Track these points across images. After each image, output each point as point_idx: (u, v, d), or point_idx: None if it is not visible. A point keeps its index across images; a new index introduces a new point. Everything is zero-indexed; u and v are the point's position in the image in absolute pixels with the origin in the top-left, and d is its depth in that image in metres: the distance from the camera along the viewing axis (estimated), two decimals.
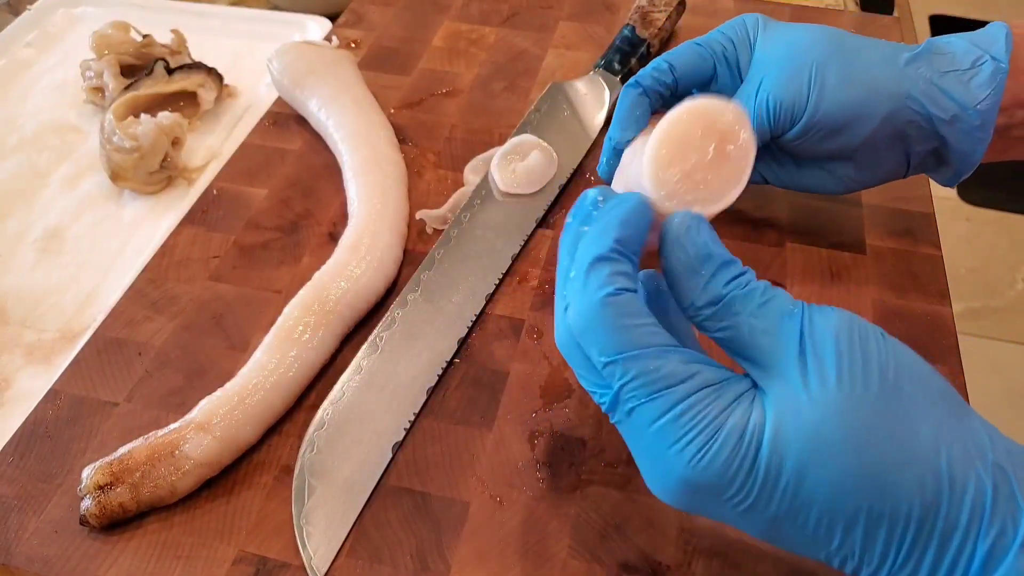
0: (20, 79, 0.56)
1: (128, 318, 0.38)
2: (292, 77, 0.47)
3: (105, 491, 0.30)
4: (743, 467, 0.21)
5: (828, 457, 0.21)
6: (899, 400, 0.21)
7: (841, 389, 0.21)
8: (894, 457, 0.21)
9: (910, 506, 0.20)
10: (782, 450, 0.21)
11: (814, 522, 0.21)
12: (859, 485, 0.21)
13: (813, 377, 0.21)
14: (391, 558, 0.30)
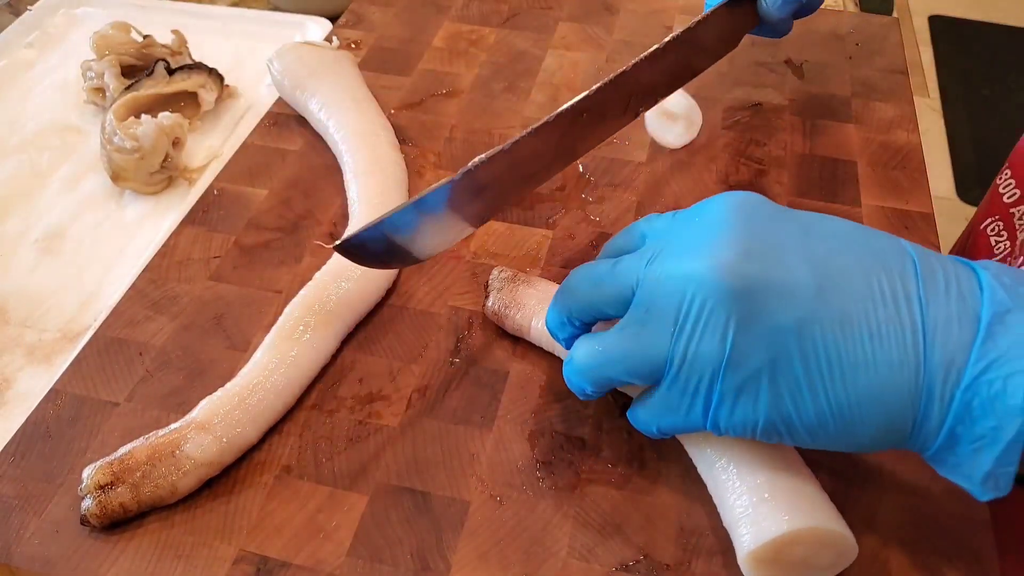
0: (21, 80, 0.56)
1: (129, 318, 0.38)
2: (293, 78, 0.47)
3: (106, 491, 0.30)
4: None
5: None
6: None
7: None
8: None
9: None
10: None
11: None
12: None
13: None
14: (391, 557, 0.30)
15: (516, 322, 0.36)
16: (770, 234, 0.26)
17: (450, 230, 0.32)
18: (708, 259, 0.25)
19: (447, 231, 0.32)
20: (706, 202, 0.28)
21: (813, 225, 0.26)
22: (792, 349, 0.24)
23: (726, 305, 0.25)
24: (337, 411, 0.35)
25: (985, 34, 1.64)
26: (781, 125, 0.48)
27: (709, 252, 0.25)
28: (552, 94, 0.51)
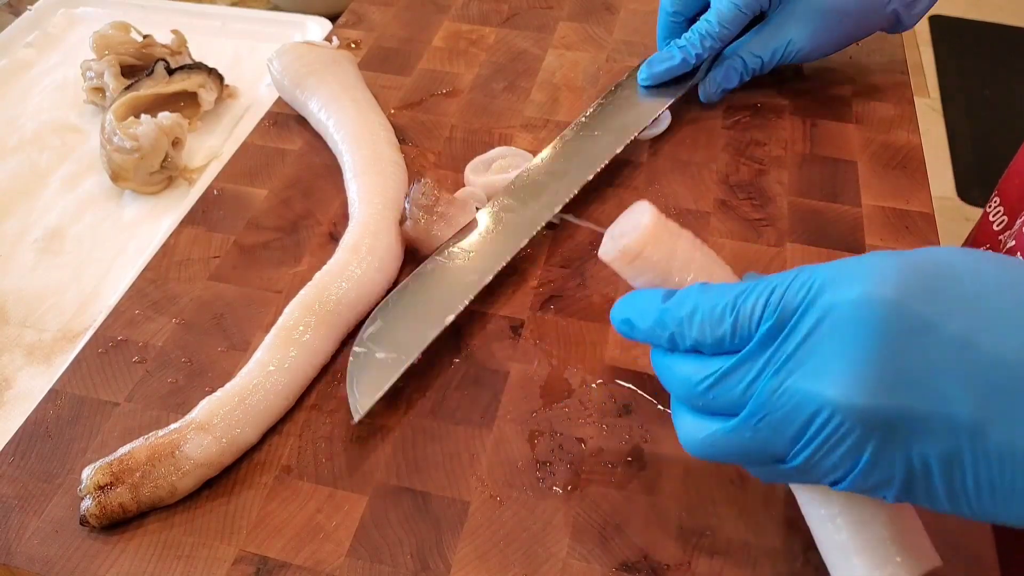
0: (21, 79, 0.56)
1: (129, 318, 0.38)
2: (292, 77, 0.47)
3: (105, 491, 0.30)
4: (918, 258, 0.22)
5: (987, 263, 0.22)
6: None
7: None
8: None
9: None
10: (944, 255, 0.22)
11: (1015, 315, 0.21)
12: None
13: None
14: (391, 558, 0.30)
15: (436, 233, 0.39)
16: (925, 348, 0.21)
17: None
18: (844, 383, 0.21)
19: None
20: (857, 274, 0.22)
21: (989, 322, 0.21)
22: (934, 473, 0.21)
23: (861, 430, 0.21)
24: (337, 411, 0.35)
25: (986, 34, 1.64)
26: (782, 125, 0.48)
27: (847, 371, 0.21)
28: (552, 94, 0.51)
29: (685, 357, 0.25)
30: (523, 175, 0.42)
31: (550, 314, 0.38)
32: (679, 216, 0.43)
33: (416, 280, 0.37)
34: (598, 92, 0.50)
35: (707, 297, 0.25)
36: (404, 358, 0.34)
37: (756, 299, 0.23)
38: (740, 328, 0.23)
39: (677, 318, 0.25)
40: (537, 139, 0.47)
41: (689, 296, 0.25)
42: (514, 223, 0.40)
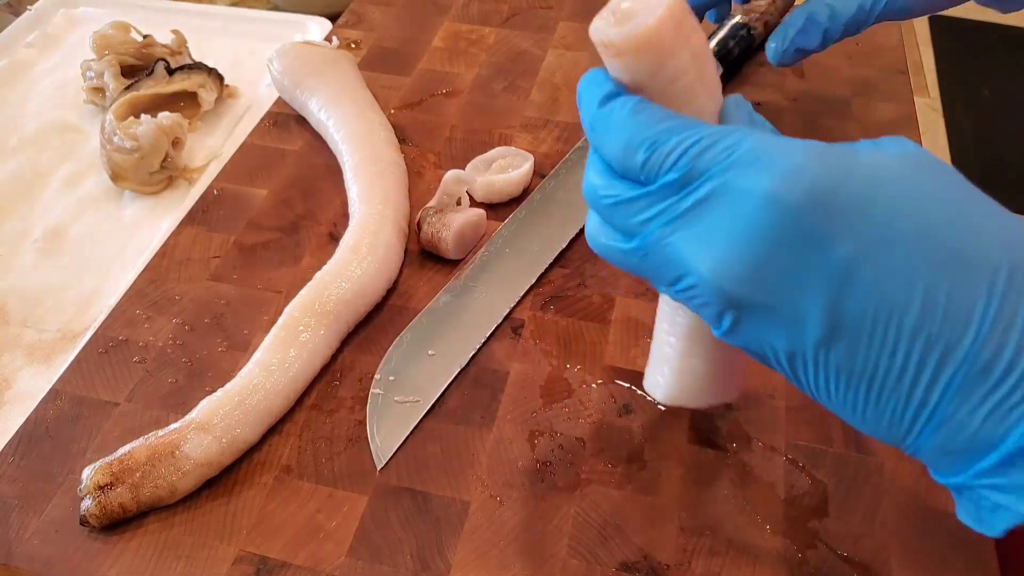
0: (21, 80, 0.56)
1: (129, 318, 0.38)
2: (292, 77, 0.47)
3: (105, 491, 0.30)
4: (839, 176, 0.20)
5: (924, 194, 0.20)
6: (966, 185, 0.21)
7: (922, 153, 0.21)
8: (980, 211, 0.20)
9: (998, 259, 0.19)
10: (879, 175, 0.20)
11: (902, 264, 0.20)
12: (946, 229, 0.20)
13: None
14: (391, 557, 0.30)
15: (447, 241, 0.39)
16: (804, 262, 0.21)
17: None
18: (717, 263, 0.22)
19: None
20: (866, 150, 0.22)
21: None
22: (781, 363, 0.23)
23: (720, 307, 0.22)
24: (337, 411, 0.35)
25: (986, 35, 1.64)
26: (782, 125, 0.48)
27: (724, 254, 0.21)
28: (552, 94, 0.51)
29: (602, 165, 0.25)
30: (536, 197, 0.42)
31: (550, 314, 0.38)
32: None
33: (429, 316, 0.37)
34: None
35: (634, 121, 0.23)
36: (422, 403, 0.34)
37: (675, 145, 0.22)
38: (649, 168, 0.23)
39: (601, 127, 0.24)
40: (537, 139, 0.47)
41: (617, 112, 0.24)
42: (528, 253, 0.40)
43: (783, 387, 0.35)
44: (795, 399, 0.34)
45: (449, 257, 0.40)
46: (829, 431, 0.33)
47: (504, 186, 0.43)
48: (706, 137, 0.22)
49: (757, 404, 0.34)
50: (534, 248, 0.40)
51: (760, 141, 0.21)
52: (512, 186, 0.43)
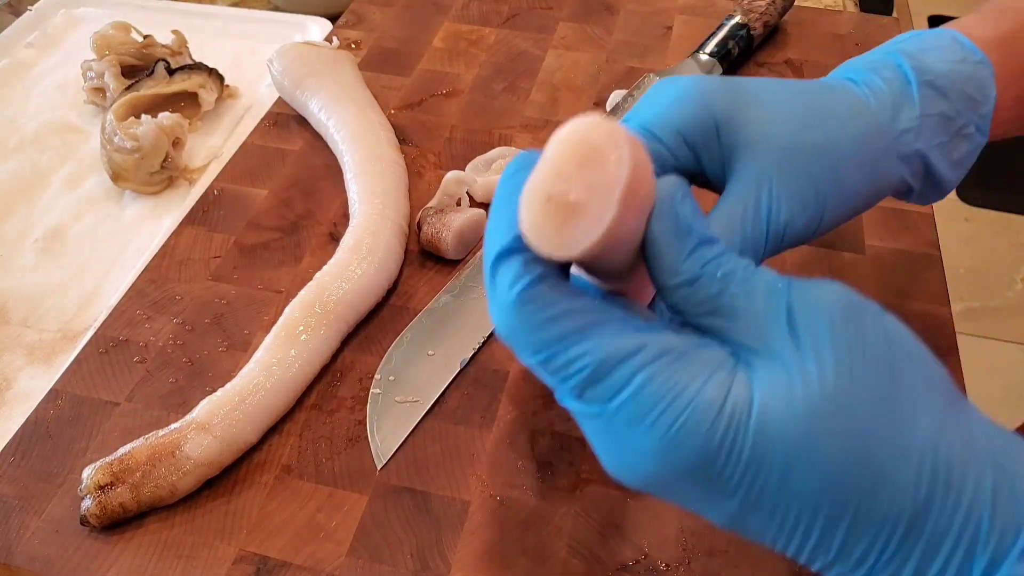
0: (21, 80, 0.56)
1: (129, 318, 0.38)
2: (293, 78, 0.47)
3: (105, 491, 0.30)
4: (724, 447, 0.19)
5: (821, 448, 0.19)
6: (898, 387, 0.19)
7: (839, 373, 0.19)
8: (891, 450, 0.19)
9: (901, 505, 0.19)
10: (770, 434, 0.19)
11: (793, 516, 0.19)
12: (850, 480, 0.19)
13: (808, 357, 0.19)
14: (391, 557, 0.30)
15: (447, 242, 0.38)
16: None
17: None
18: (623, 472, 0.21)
19: None
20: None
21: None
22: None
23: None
24: (337, 411, 0.35)
25: None
26: None
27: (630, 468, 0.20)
28: (552, 94, 0.51)
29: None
30: None
31: None
32: None
33: (429, 316, 0.37)
34: (598, 92, 0.50)
35: (521, 314, 0.20)
36: (422, 403, 0.34)
37: (565, 363, 0.20)
38: (543, 368, 0.21)
39: (490, 292, 0.21)
40: (537, 139, 0.47)
41: (502, 291, 0.20)
42: None
43: None
44: None
45: (449, 257, 0.40)
46: None
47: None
48: (596, 362, 0.20)
49: None
50: None
51: (653, 381, 0.19)
52: None
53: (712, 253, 0.21)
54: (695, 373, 0.19)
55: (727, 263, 0.21)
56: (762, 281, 0.20)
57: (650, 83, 0.48)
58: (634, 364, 0.19)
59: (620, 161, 0.18)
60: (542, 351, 0.20)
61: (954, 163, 0.30)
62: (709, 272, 0.20)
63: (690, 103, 0.26)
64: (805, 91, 0.28)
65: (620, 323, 0.20)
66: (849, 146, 0.27)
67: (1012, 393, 1.02)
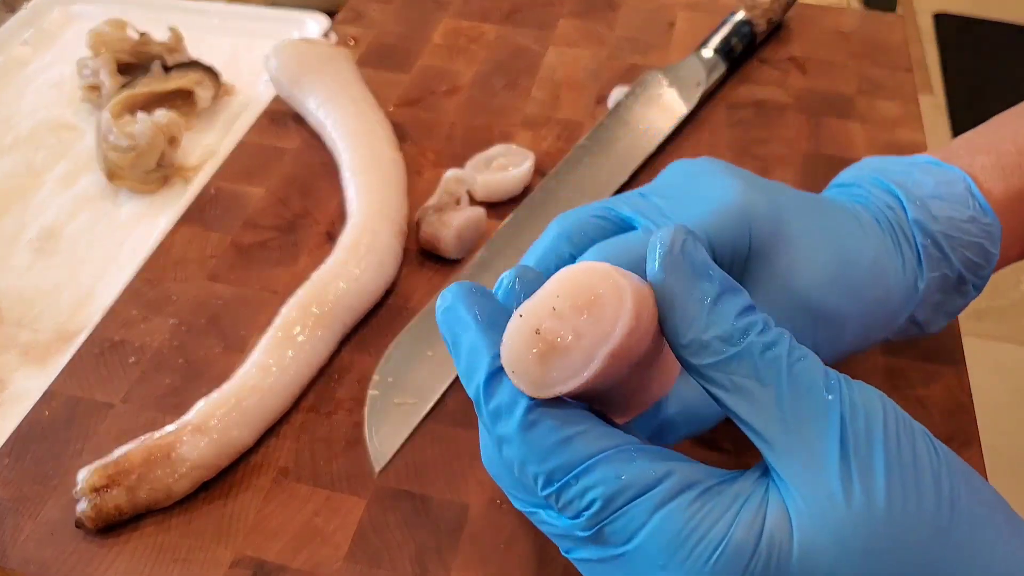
0: (16, 77, 0.56)
1: (124, 318, 0.38)
2: (290, 75, 0.47)
3: (100, 493, 0.30)
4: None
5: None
6: (959, 516, 0.17)
7: (896, 501, 0.17)
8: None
9: None
10: (816, 571, 0.17)
11: None
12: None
13: (858, 487, 0.17)
14: (390, 561, 0.30)
15: (446, 241, 0.38)
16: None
17: None
18: None
19: None
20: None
21: None
22: None
23: None
24: (335, 413, 0.34)
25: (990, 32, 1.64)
26: (785, 123, 0.48)
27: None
28: (553, 91, 0.50)
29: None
30: (536, 196, 0.42)
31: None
32: None
33: (428, 317, 0.37)
34: (599, 89, 0.50)
35: (526, 440, 0.18)
36: (420, 404, 0.34)
37: (578, 494, 0.18)
38: (551, 502, 0.19)
39: (488, 418, 0.19)
40: (538, 136, 0.47)
41: (504, 417, 0.18)
42: (521, 256, 0.39)
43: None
44: None
45: (449, 257, 0.40)
46: None
47: (504, 185, 0.43)
48: (608, 495, 0.18)
49: None
50: None
51: (670, 524, 0.17)
52: (513, 185, 0.43)
53: (743, 302, 0.18)
54: (726, 503, 0.17)
55: (768, 327, 0.18)
56: (810, 372, 0.18)
57: (652, 80, 0.48)
58: (653, 498, 0.17)
59: (618, 319, 0.17)
60: (554, 481, 0.18)
61: (945, 314, 0.29)
62: (742, 327, 0.18)
63: (730, 221, 0.24)
64: (842, 241, 0.26)
65: (630, 445, 0.18)
66: (860, 314, 0.26)
67: (1017, 394, 1.02)
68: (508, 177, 0.43)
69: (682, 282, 0.18)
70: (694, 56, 0.48)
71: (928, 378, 0.34)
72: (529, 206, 0.42)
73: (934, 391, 0.34)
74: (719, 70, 0.48)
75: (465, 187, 0.42)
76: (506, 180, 0.42)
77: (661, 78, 0.47)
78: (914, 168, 0.29)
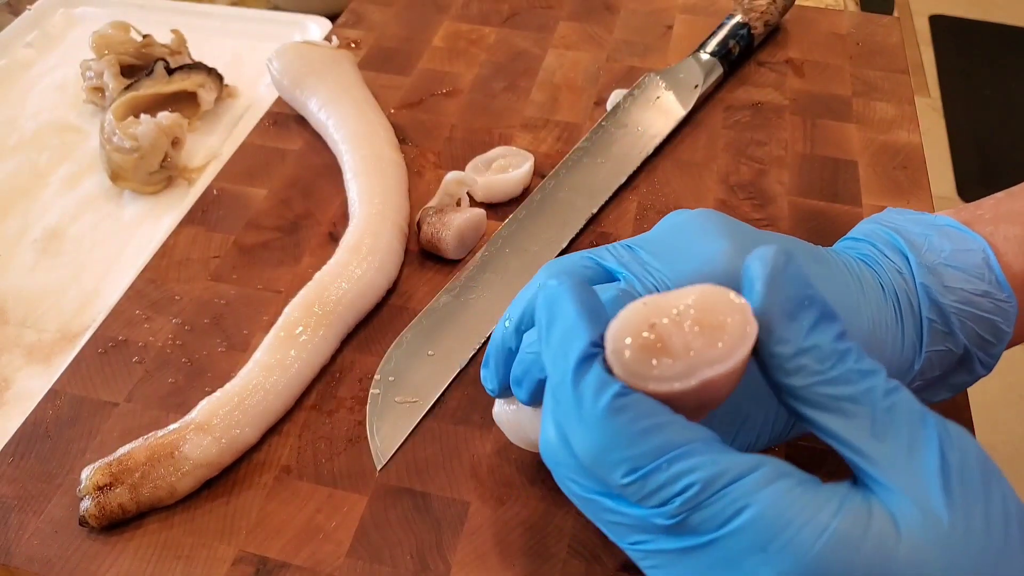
0: (20, 79, 0.56)
1: (128, 318, 0.38)
2: (292, 77, 0.47)
3: (104, 492, 0.30)
4: (873, 570, 0.17)
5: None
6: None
7: (991, 539, 0.17)
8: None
9: None
10: (920, 562, 0.17)
11: None
12: None
13: (961, 512, 0.17)
14: (391, 558, 0.30)
15: (447, 242, 0.39)
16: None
17: None
18: None
19: None
20: None
21: None
22: None
23: None
24: (336, 411, 0.35)
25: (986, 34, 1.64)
26: (782, 125, 0.48)
27: None
28: (552, 93, 0.51)
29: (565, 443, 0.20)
30: (536, 197, 0.42)
31: None
32: None
33: (429, 316, 0.37)
34: (598, 91, 0.50)
35: (612, 425, 0.18)
36: (422, 403, 0.34)
37: (665, 482, 0.18)
38: (630, 493, 0.18)
39: (568, 405, 0.19)
40: (537, 139, 0.47)
41: (589, 400, 0.18)
42: (528, 253, 0.40)
43: None
44: None
45: (449, 257, 0.40)
46: None
47: (504, 186, 0.43)
48: (707, 479, 0.18)
49: None
50: (534, 248, 0.40)
51: (774, 507, 0.17)
52: (512, 186, 0.43)
53: (839, 327, 0.19)
54: (826, 495, 0.18)
55: (862, 355, 0.18)
56: (907, 405, 0.18)
57: (650, 82, 0.48)
58: (753, 482, 0.17)
59: (731, 355, 0.17)
60: (639, 468, 0.18)
61: (949, 388, 0.28)
62: (840, 351, 0.18)
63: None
64: (837, 302, 0.24)
65: (717, 438, 0.18)
66: None
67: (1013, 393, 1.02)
68: (508, 178, 0.43)
69: (786, 305, 0.18)
70: (692, 59, 0.49)
71: None
72: (529, 207, 0.42)
73: None
74: (717, 72, 0.48)
75: (465, 188, 0.42)
76: (506, 181, 0.43)
77: (659, 80, 0.48)
78: (933, 231, 0.27)
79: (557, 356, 0.19)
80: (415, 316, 0.38)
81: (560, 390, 0.19)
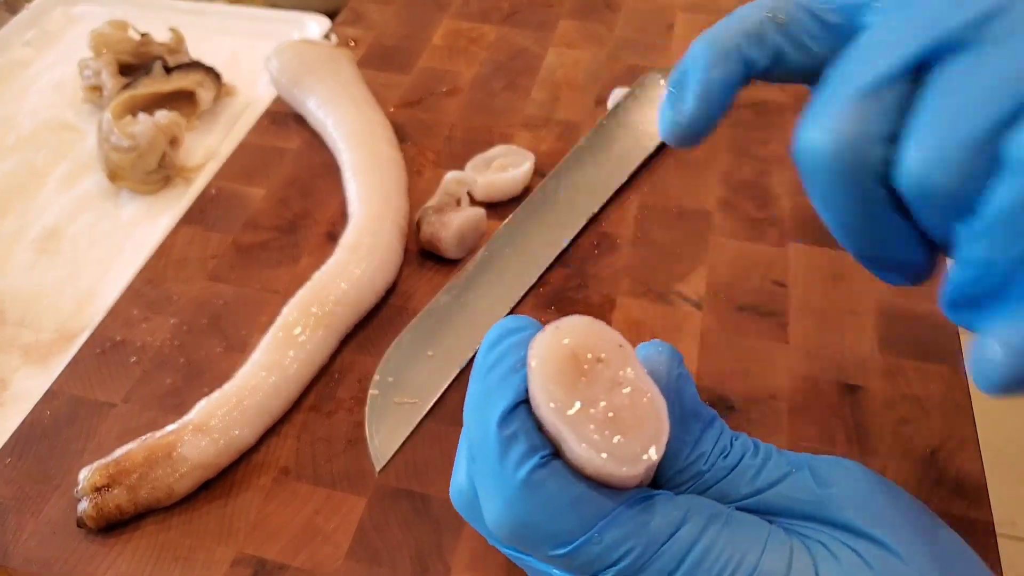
0: (18, 78, 0.56)
1: (126, 318, 0.38)
2: (291, 76, 0.47)
3: (102, 493, 0.30)
4: None
5: None
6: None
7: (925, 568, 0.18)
8: None
9: None
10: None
11: None
12: None
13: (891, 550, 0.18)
14: (390, 560, 0.30)
15: (447, 241, 0.38)
16: None
17: None
18: None
19: None
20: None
21: None
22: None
23: None
24: (335, 412, 0.34)
25: None
26: (784, 123, 0.48)
27: None
28: (553, 92, 0.50)
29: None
30: (536, 196, 0.42)
31: (550, 314, 0.38)
32: (680, 216, 0.42)
33: (428, 317, 0.37)
34: (599, 90, 0.50)
35: (529, 498, 0.17)
36: (421, 404, 0.34)
37: (588, 562, 0.17)
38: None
39: (484, 464, 0.19)
40: (537, 138, 0.47)
41: (510, 468, 0.18)
42: (528, 253, 0.40)
43: (785, 388, 0.34)
44: (797, 400, 0.34)
45: (449, 257, 0.40)
46: (832, 432, 0.33)
47: (504, 185, 0.43)
48: (641, 547, 0.17)
49: (759, 405, 0.34)
50: (534, 248, 0.40)
51: (712, 551, 0.17)
52: (512, 185, 0.43)
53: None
54: (752, 535, 0.18)
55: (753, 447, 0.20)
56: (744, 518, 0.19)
57: (652, 81, 0.48)
58: (687, 537, 0.17)
59: (648, 447, 0.17)
60: (570, 541, 0.17)
61: None
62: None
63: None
64: None
65: (638, 493, 0.18)
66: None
67: None
68: (508, 178, 0.43)
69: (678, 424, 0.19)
70: None
71: (926, 377, 0.35)
72: (529, 207, 0.42)
73: (932, 391, 0.34)
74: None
75: (465, 188, 0.42)
76: (506, 181, 0.43)
77: (660, 79, 0.48)
78: None
79: (480, 421, 0.19)
80: (415, 316, 0.37)
81: (477, 445, 0.19)
